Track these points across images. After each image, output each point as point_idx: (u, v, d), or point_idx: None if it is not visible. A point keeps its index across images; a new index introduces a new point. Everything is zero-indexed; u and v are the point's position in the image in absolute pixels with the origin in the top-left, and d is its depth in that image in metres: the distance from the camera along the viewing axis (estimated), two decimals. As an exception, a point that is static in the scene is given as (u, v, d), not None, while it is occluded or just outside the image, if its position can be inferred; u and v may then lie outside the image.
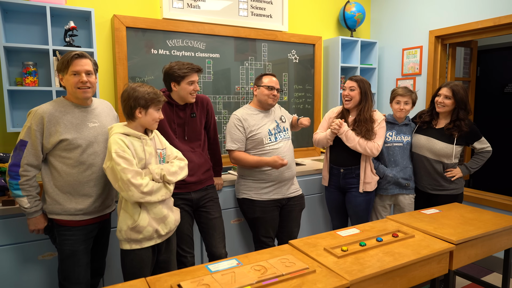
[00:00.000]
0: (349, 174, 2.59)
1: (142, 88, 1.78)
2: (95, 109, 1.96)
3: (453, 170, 2.55)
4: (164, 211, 1.83)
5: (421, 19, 3.53)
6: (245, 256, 1.64)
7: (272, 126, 2.46)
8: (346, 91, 2.57)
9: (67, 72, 1.81)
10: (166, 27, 2.88)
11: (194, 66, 2.16)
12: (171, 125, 2.21)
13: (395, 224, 2.03)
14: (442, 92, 2.52)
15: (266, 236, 2.47)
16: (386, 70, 3.90)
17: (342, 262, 1.57)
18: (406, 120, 2.71)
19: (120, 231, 1.79)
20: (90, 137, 1.88)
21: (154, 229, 1.79)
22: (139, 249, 1.79)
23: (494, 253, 2.00)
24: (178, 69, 2.12)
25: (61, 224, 1.87)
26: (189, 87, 2.15)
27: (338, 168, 2.62)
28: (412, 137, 2.68)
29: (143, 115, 1.79)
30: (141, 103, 1.77)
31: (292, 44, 3.49)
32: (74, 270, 1.88)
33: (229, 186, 2.70)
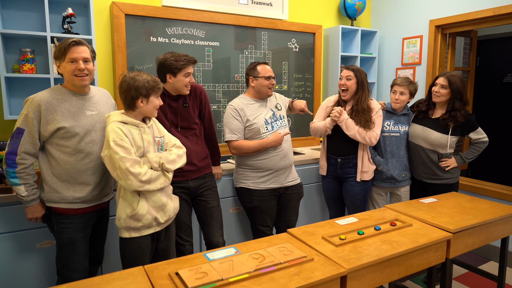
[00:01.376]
0: (346, 164, 2.60)
1: (141, 77, 1.77)
2: (93, 97, 1.94)
3: (448, 160, 2.56)
4: (163, 199, 1.83)
5: (421, 8, 3.49)
6: (243, 245, 1.65)
7: (269, 115, 2.45)
8: (343, 81, 2.55)
9: (64, 60, 1.79)
10: (166, 15, 2.85)
11: (190, 58, 2.13)
12: (165, 115, 2.20)
13: (393, 213, 2.04)
14: (439, 82, 2.52)
15: (264, 225, 2.49)
16: (386, 59, 3.88)
17: (340, 250, 1.58)
18: (405, 110, 2.70)
19: (119, 219, 1.79)
20: (87, 125, 1.86)
21: (153, 217, 1.80)
22: (138, 237, 1.79)
23: (491, 241, 2.02)
24: (175, 60, 2.08)
25: (59, 212, 1.87)
26: (185, 79, 2.12)
27: (336, 157, 2.62)
28: (409, 126, 2.68)
29: (145, 104, 1.79)
30: (143, 93, 1.76)
31: (292, 32, 3.46)
32: (72, 258, 1.88)
33: (228, 175, 2.71)
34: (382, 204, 2.78)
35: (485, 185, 3.18)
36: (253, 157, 2.42)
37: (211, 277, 1.32)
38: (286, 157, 2.46)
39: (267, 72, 2.40)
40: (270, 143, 2.36)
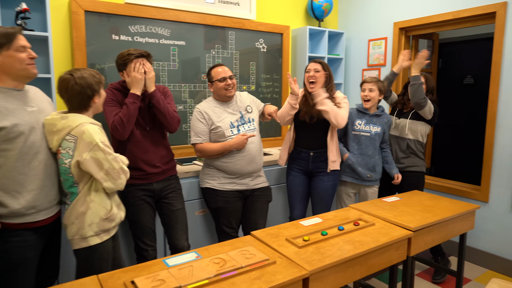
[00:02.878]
0: (318, 158, 2.56)
1: (86, 74, 1.70)
2: (27, 91, 1.72)
3: None
4: (117, 198, 1.86)
5: (386, 10, 3.57)
6: (205, 249, 1.61)
7: (235, 118, 2.42)
8: (311, 73, 2.49)
9: (11, 47, 1.57)
10: (129, 12, 2.76)
11: (134, 52, 2.08)
12: None
13: (357, 213, 2.06)
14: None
15: (229, 227, 2.45)
16: (353, 60, 3.94)
17: (303, 252, 1.57)
18: (379, 111, 2.71)
19: (91, 224, 1.69)
20: (32, 122, 1.65)
21: (119, 215, 1.82)
22: (107, 240, 1.75)
23: (450, 238, 2.08)
24: (120, 57, 2.09)
25: (9, 228, 1.62)
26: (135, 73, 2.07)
27: (308, 151, 2.57)
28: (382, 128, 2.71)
29: (98, 99, 1.77)
30: (96, 88, 1.71)
31: (260, 33, 3.45)
32: (20, 281, 1.65)
33: (194, 176, 2.66)
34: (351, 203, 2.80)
35: (447, 183, 3.29)
36: (219, 158, 2.39)
37: (168, 284, 1.27)
38: (253, 162, 2.42)
39: (219, 75, 2.37)
40: (233, 145, 2.33)
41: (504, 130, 2.81)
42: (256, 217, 2.52)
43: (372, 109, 2.71)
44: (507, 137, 2.80)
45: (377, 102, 2.70)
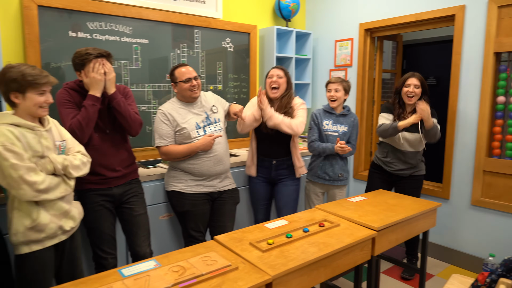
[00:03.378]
0: (281, 165, 2.59)
1: (17, 69, 1.54)
2: None
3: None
4: (65, 206, 1.69)
5: (352, 12, 3.61)
6: (165, 256, 1.54)
7: (200, 118, 2.35)
8: (274, 78, 2.52)
9: None
10: (87, 8, 2.63)
11: (95, 52, 1.94)
12: None
13: (323, 214, 2.04)
14: (411, 82, 2.57)
15: (196, 231, 2.38)
16: (320, 61, 3.96)
17: (266, 256, 1.53)
18: (345, 111, 2.73)
19: (16, 234, 1.58)
20: None
21: (57, 226, 1.64)
22: (40, 250, 1.61)
23: (413, 236, 2.11)
24: (76, 56, 1.96)
25: None
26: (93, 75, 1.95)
27: (270, 160, 2.59)
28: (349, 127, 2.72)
29: (21, 100, 1.57)
30: (14, 87, 1.54)
31: (226, 32, 3.39)
32: None
33: (159, 179, 2.57)
34: (320, 203, 2.81)
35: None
36: (185, 160, 2.31)
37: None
38: (220, 162, 2.37)
39: (183, 75, 2.29)
40: (199, 146, 2.26)
41: (464, 129, 2.90)
42: (224, 220, 2.47)
43: (339, 109, 2.72)
44: (466, 136, 2.89)
45: (343, 101, 2.72)
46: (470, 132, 2.87)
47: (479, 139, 2.79)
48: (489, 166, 2.75)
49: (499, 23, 2.63)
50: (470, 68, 2.83)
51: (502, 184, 2.72)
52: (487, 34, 2.68)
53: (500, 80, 2.69)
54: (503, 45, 2.61)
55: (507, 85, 2.67)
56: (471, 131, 2.86)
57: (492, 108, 2.76)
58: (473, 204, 2.88)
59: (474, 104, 2.83)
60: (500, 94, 2.69)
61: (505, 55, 2.66)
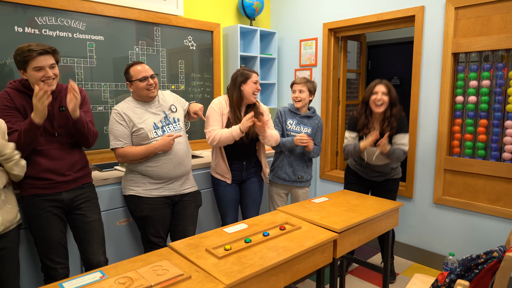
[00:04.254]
0: (249, 165, 2.59)
1: None
2: None
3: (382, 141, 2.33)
4: None
5: (316, 11, 3.60)
6: (113, 267, 1.43)
7: (158, 118, 2.24)
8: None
9: None
10: (34, 2, 2.45)
11: (38, 48, 1.80)
12: None
13: (284, 216, 1.99)
14: (379, 90, 2.42)
15: (156, 236, 2.27)
16: (286, 60, 3.93)
17: (222, 263, 1.45)
18: (310, 112, 2.72)
19: None
20: None
21: None
22: None
23: (375, 236, 2.09)
24: (18, 53, 1.81)
25: None
26: (37, 74, 1.81)
27: (240, 162, 2.55)
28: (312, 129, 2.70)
29: None
30: None
31: (188, 30, 3.28)
32: None
33: (116, 183, 2.43)
34: (282, 205, 2.78)
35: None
36: (143, 163, 2.19)
37: (55, 316, 1.08)
38: (181, 165, 2.27)
39: (139, 73, 2.18)
40: (158, 147, 2.15)
41: (425, 129, 2.95)
42: (186, 224, 2.37)
43: (303, 109, 2.70)
44: (428, 135, 2.94)
45: (307, 102, 2.70)
46: (431, 131, 2.91)
47: (440, 138, 2.84)
48: (450, 165, 2.80)
49: (456, 24, 2.69)
50: (430, 68, 2.88)
51: (462, 182, 2.77)
52: (445, 35, 2.73)
53: (458, 80, 2.74)
54: (460, 46, 2.66)
55: (465, 85, 2.73)
56: (432, 131, 2.90)
57: (451, 108, 2.81)
58: (435, 203, 2.92)
59: (434, 104, 2.88)
60: (459, 94, 2.75)
61: (463, 56, 2.72)
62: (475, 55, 2.66)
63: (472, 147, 2.73)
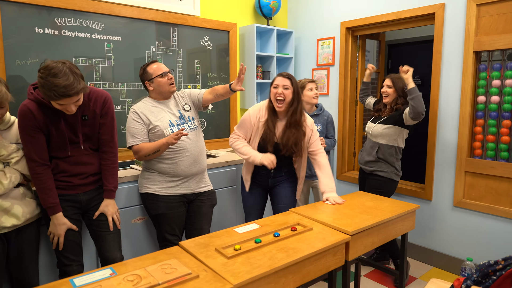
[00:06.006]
0: (278, 174, 2.42)
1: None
2: None
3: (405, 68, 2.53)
4: (4, 203, 1.72)
5: (334, 10, 3.55)
6: (123, 264, 1.45)
7: (174, 117, 2.26)
8: (279, 89, 2.23)
9: None
10: (53, 3, 2.51)
11: (64, 92, 1.64)
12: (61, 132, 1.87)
13: (296, 217, 1.96)
14: (385, 83, 2.72)
15: (172, 234, 2.29)
16: (303, 60, 3.89)
17: (231, 263, 1.44)
18: (317, 110, 2.79)
19: None
20: None
21: None
22: None
23: (390, 239, 2.04)
24: (42, 85, 1.65)
25: None
26: (58, 106, 1.75)
27: (268, 170, 2.37)
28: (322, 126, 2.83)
29: None
30: None
31: (204, 30, 3.30)
32: None
33: (132, 181, 2.47)
34: (303, 200, 2.89)
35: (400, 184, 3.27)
36: (160, 161, 2.22)
37: (64, 310, 1.10)
38: (196, 162, 2.28)
39: (159, 70, 2.22)
40: (164, 144, 2.09)
41: (445, 129, 2.86)
42: (201, 223, 2.38)
43: (310, 108, 2.81)
44: (448, 136, 2.84)
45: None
46: (452, 132, 2.82)
47: (460, 139, 2.75)
48: (471, 167, 2.71)
49: (478, 21, 2.59)
50: (451, 67, 2.78)
51: (483, 185, 2.67)
52: (466, 32, 2.64)
53: (480, 79, 2.64)
54: (483, 44, 2.56)
55: (487, 84, 2.63)
56: (453, 131, 2.81)
57: (472, 108, 2.71)
58: (455, 206, 2.83)
59: (455, 104, 2.78)
60: (481, 94, 2.65)
61: (485, 54, 2.62)
62: (498, 54, 2.56)
63: (494, 149, 2.62)
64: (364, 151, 2.83)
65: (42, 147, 1.85)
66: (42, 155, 1.85)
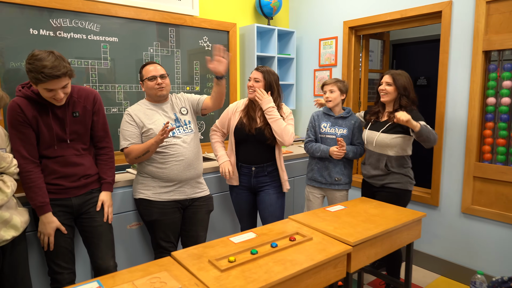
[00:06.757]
0: (260, 172, 2.42)
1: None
2: None
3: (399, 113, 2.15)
4: (4, 214, 1.63)
5: (336, 9, 3.45)
6: (111, 277, 1.37)
7: (170, 121, 2.19)
8: (251, 82, 2.38)
9: None
10: (49, 4, 2.45)
11: (52, 73, 1.64)
12: (48, 127, 1.84)
13: (296, 225, 1.87)
14: (384, 80, 2.38)
15: (166, 241, 2.21)
16: (304, 60, 3.80)
17: (224, 276, 1.36)
18: (344, 113, 2.57)
19: None
20: None
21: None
22: None
23: (395, 249, 1.94)
24: (30, 70, 1.66)
25: None
26: (47, 93, 1.73)
27: (249, 166, 2.42)
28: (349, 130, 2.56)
29: None
30: None
31: (204, 30, 3.22)
32: None
33: (127, 186, 2.39)
34: (317, 206, 2.65)
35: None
36: (153, 165, 2.15)
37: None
38: (190, 167, 2.20)
39: (149, 73, 2.16)
40: (153, 142, 2.04)
41: (452, 132, 2.75)
42: (196, 229, 2.31)
43: (336, 110, 2.59)
44: (455, 139, 2.74)
45: (340, 102, 2.58)
46: (459, 135, 2.71)
47: (469, 143, 2.64)
48: (480, 172, 2.60)
49: (488, 19, 2.48)
50: (458, 67, 2.68)
51: (493, 190, 2.56)
52: (475, 31, 2.53)
53: (490, 80, 2.53)
54: (493, 43, 2.46)
55: (498, 85, 2.52)
56: (460, 134, 2.70)
57: (482, 110, 2.60)
58: (463, 212, 2.72)
59: (463, 106, 2.68)
60: (490, 95, 2.54)
61: (495, 54, 2.51)
62: (509, 53, 2.45)
63: (505, 153, 2.51)
64: (368, 164, 2.48)
65: (31, 143, 1.82)
66: (32, 152, 1.82)
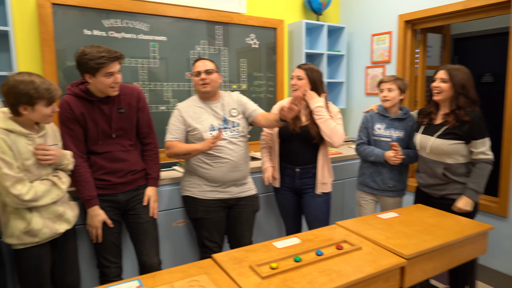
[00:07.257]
0: (305, 174, 2.31)
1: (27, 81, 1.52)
2: None
3: (457, 201, 2.03)
4: (59, 209, 1.70)
5: (391, 2, 3.23)
6: (152, 276, 1.35)
7: (217, 121, 2.15)
8: (294, 80, 2.28)
9: None
10: (101, 5, 2.54)
11: (111, 55, 1.77)
12: (95, 122, 1.89)
13: (344, 232, 1.75)
14: (438, 76, 2.08)
15: (211, 240, 2.18)
16: (356, 57, 3.62)
17: (265, 284, 1.29)
18: (401, 114, 2.35)
19: (12, 236, 1.63)
20: None
21: (51, 231, 1.68)
22: (35, 246, 1.66)
23: (456, 265, 1.74)
24: (90, 59, 1.74)
25: None
26: (107, 80, 1.80)
27: (293, 167, 2.32)
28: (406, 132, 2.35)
29: (30, 112, 1.56)
30: (24, 100, 1.52)
31: (251, 27, 3.17)
32: None
33: (174, 184, 2.41)
34: (369, 212, 2.48)
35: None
36: (199, 165, 2.13)
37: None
38: (236, 169, 2.15)
39: (196, 68, 2.14)
40: (199, 149, 2.05)
41: (525, 135, 2.45)
42: (242, 230, 2.26)
43: (393, 110, 2.38)
44: (528, 142, 2.43)
45: (398, 102, 2.36)
46: (533, 138, 2.41)
47: (544, 146, 2.33)
48: (557, 180, 2.28)
49: None
50: (534, 62, 2.37)
51: None
52: (556, 20, 2.23)
53: None
54: None
55: None
56: (534, 137, 2.40)
57: (561, 110, 2.28)
58: (535, 224, 2.42)
59: (538, 105, 2.37)
60: None
61: None
62: None
63: None
64: (423, 172, 2.21)
65: (79, 139, 1.89)
66: (80, 147, 1.89)
